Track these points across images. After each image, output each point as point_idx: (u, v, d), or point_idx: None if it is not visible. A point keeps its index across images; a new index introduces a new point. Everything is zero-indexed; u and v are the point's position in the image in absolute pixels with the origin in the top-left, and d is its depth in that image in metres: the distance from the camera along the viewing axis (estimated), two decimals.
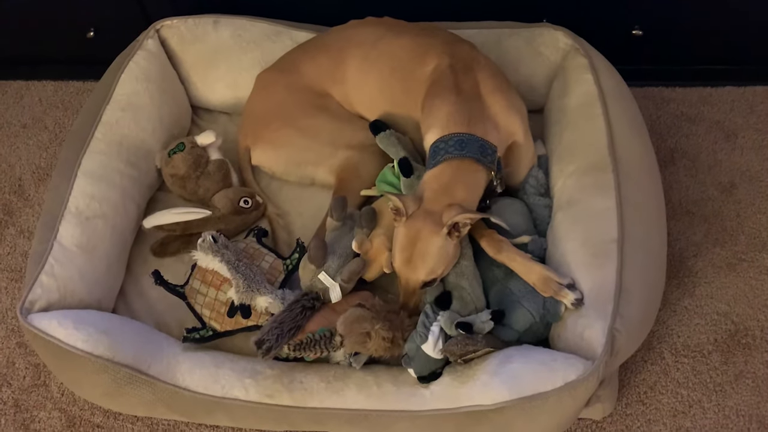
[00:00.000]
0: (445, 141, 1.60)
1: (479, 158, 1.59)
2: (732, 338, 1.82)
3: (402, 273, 1.58)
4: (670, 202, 2.05)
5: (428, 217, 1.54)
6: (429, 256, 1.54)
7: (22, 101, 2.49)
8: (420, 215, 1.55)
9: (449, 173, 1.59)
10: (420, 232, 1.53)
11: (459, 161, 1.58)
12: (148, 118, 1.95)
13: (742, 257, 1.95)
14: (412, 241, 1.54)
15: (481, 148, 1.60)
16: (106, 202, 1.78)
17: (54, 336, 1.51)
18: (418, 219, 1.55)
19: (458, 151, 1.59)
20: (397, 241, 1.57)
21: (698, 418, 1.71)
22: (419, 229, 1.54)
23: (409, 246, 1.54)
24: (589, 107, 1.81)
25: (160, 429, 1.76)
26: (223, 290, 1.66)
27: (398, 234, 1.58)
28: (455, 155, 1.58)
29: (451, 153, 1.59)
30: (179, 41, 2.09)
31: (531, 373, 1.41)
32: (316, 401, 1.53)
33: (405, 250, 1.55)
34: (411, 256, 1.54)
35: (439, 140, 1.61)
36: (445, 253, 1.55)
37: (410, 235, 1.54)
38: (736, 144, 2.20)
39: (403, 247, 1.55)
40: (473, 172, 1.60)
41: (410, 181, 1.72)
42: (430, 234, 1.53)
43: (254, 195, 1.91)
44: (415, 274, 1.55)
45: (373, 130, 1.82)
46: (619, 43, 2.19)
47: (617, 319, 1.46)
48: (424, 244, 1.53)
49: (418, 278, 1.56)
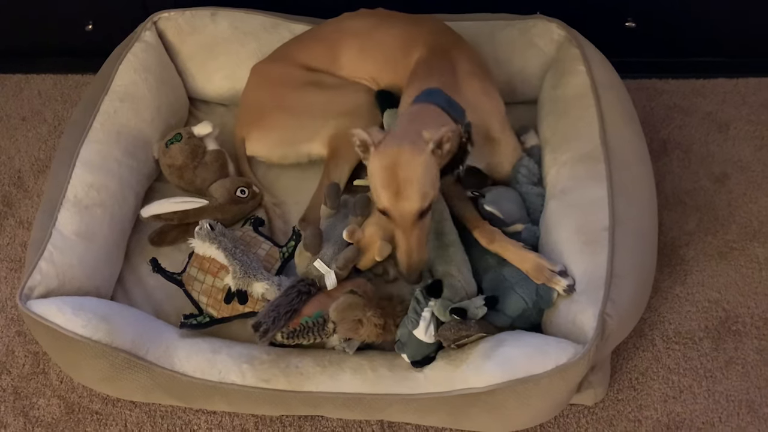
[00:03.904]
0: (416, 97, 1.60)
1: (445, 107, 1.56)
2: (722, 325, 1.85)
3: (393, 210, 1.46)
4: (662, 192, 2.07)
5: (403, 140, 1.45)
6: (417, 178, 1.43)
7: (22, 94, 2.51)
8: (392, 142, 1.46)
9: (414, 113, 1.55)
10: (399, 157, 1.44)
11: (425, 105, 1.56)
12: (146, 108, 1.98)
13: (734, 246, 1.98)
14: (392, 171, 1.44)
15: (448, 101, 1.57)
16: (104, 191, 1.80)
17: (53, 321, 1.53)
18: (392, 146, 1.45)
19: (425, 97, 1.57)
20: (376, 178, 1.46)
21: (689, 404, 1.74)
22: (397, 154, 1.44)
23: (392, 177, 1.44)
24: (582, 98, 1.84)
25: (158, 415, 1.78)
26: (220, 277, 1.68)
27: (373, 169, 1.46)
28: (422, 100, 1.57)
29: (418, 100, 1.57)
30: (177, 33, 2.11)
31: (523, 357, 1.44)
32: (311, 385, 1.55)
33: (389, 183, 1.44)
34: (398, 186, 1.44)
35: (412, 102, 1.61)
36: (433, 173, 1.46)
37: (388, 165, 1.44)
38: (728, 135, 2.22)
39: (386, 180, 1.44)
40: (437, 115, 1.55)
41: None
42: (412, 155, 1.44)
43: (251, 185, 1.93)
44: (409, 204, 1.44)
45: (380, 102, 1.83)
46: (613, 36, 2.21)
47: (608, 304, 1.48)
48: (408, 168, 1.43)
49: (412, 208, 1.45)
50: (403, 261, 1.50)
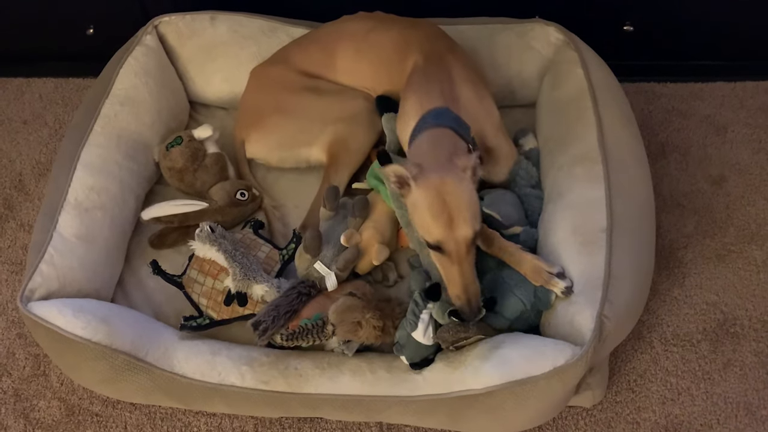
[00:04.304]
0: (423, 118, 1.61)
1: (456, 128, 1.57)
2: (720, 327, 1.85)
3: (448, 239, 1.43)
4: (661, 195, 2.08)
5: (442, 171, 1.45)
6: (467, 205, 1.43)
7: (23, 98, 2.53)
8: (431, 174, 1.45)
9: (432, 140, 1.55)
10: (444, 187, 1.43)
11: (438, 130, 1.56)
12: (147, 112, 1.98)
13: (731, 248, 1.98)
14: (441, 201, 1.42)
15: (456, 120, 1.59)
16: (105, 194, 1.81)
17: (53, 323, 1.54)
18: (433, 177, 1.45)
19: (435, 120, 1.58)
20: (423, 210, 1.44)
21: (687, 406, 1.74)
22: (442, 185, 1.43)
23: (442, 207, 1.42)
24: (580, 101, 1.85)
25: (157, 417, 1.79)
26: (220, 279, 1.69)
27: (418, 202, 1.45)
28: (433, 124, 1.57)
29: (429, 123, 1.58)
30: (177, 37, 2.12)
31: (521, 358, 1.44)
32: (311, 387, 1.56)
33: (440, 213, 1.42)
34: (449, 215, 1.42)
35: (419, 121, 1.62)
36: (476, 200, 1.46)
37: (435, 196, 1.43)
38: (726, 138, 2.23)
39: (436, 211, 1.42)
40: (453, 139, 1.56)
41: None
42: (457, 184, 1.43)
43: (251, 187, 1.94)
44: (464, 231, 1.43)
45: (379, 107, 1.84)
46: (611, 39, 2.23)
47: (606, 305, 1.49)
48: (456, 196, 1.43)
49: (467, 235, 1.43)
50: (461, 295, 1.46)
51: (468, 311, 1.46)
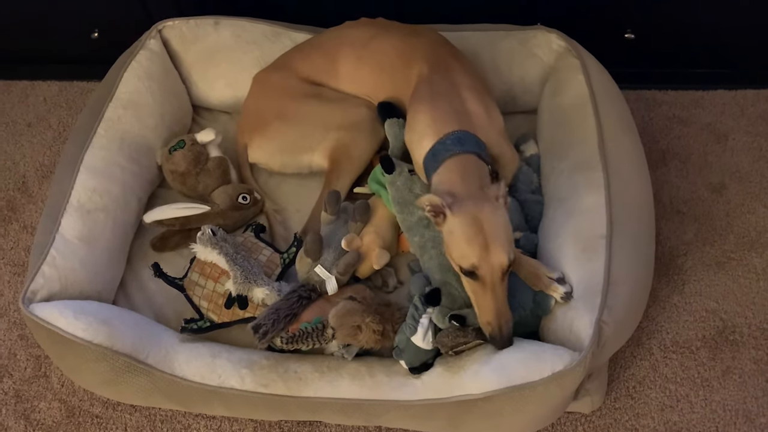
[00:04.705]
0: (442, 142, 1.62)
1: (479, 152, 1.60)
2: (720, 335, 1.85)
3: (483, 265, 1.45)
4: (661, 202, 2.09)
5: (477, 199, 1.48)
6: (503, 232, 1.47)
7: (28, 100, 2.54)
8: (467, 203, 1.48)
9: (459, 168, 1.57)
10: (481, 214, 1.46)
11: (463, 157, 1.59)
12: (150, 115, 2.00)
13: (731, 256, 1.99)
14: (478, 228, 1.45)
15: (477, 144, 1.62)
16: (107, 196, 1.82)
17: (55, 325, 1.55)
18: (469, 206, 1.48)
19: (459, 147, 1.59)
20: (459, 237, 1.47)
21: (686, 413, 1.74)
22: (478, 213, 1.46)
23: (478, 233, 1.45)
24: (581, 107, 1.85)
25: (157, 419, 1.79)
26: (221, 282, 1.70)
27: (455, 230, 1.48)
28: (457, 151, 1.59)
29: (451, 150, 1.59)
30: (181, 41, 2.14)
31: (519, 363, 1.44)
32: (310, 391, 1.56)
33: (475, 239, 1.45)
34: (485, 241, 1.45)
35: (437, 143, 1.63)
36: (510, 228, 1.49)
37: (472, 223, 1.46)
38: (727, 146, 2.24)
39: (472, 237, 1.45)
40: (478, 165, 1.59)
41: (392, 178, 1.75)
42: (493, 212, 1.47)
43: (252, 191, 1.94)
44: (499, 258, 1.45)
45: (381, 113, 1.85)
46: (612, 47, 2.23)
47: (605, 311, 1.49)
48: (492, 224, 1.46)
49: (503, 262, 1.45)
50: (494, 323, 1.47)
51: (499, 339, 1.47)
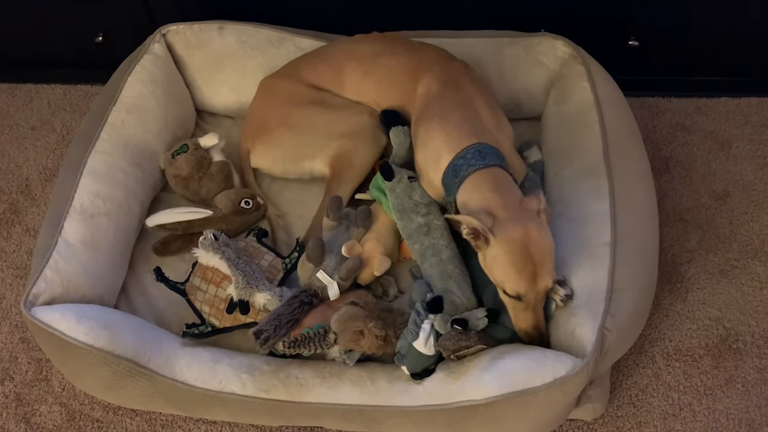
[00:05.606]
0: (462, 156, 1.60)
1: (502, 164, 1.59)
2: (723, 343, 1.85)
3: (530, 292, 1.45)
4: (664, 210, 2.08)
5: (519, 218, 1.45)
6: (550, 255, 1.45)
7: (32, 104, 2.55)
8: (510, 224, 1.44)
9: (489, 183, 1.54)
10: (528, 237, 1.43)
11: (489, 170, 1.56)
12: (153, 120, 2.00)
13: (735, 264, 1.98)
14: (526, 254, 1.43)
15: (497, 155, 1.60)
16: (110, 200, 1.82)
17: (56, 329, 1.55)
18: (513, 227, 1.44)
19: (481, 161, 1.56)
20: (505, 264, 1.44)
21: (688, 421, 1.73)
22: (525, 236, 1.43)
23: (527, 259, 1.43)
24: (586, 114, 1.85)
25: (158, 424, 1.79)
26: (222, 287, 1.70)
27: (500, 255, 1.45)
28: (480, 166, 1.56)
29: (474, 165, 1.57)
30: (185, 46, 2.14)
31: (521, 369, 1.44)
32: (311, 396, 1.56)
33: (524, 269, 1.43)
34: (533, 268, 1.43)
35: (456, 158, 1.61)
36: (553, 244, 1.47)
37: (519, 249, 1.43)
38: (730, 154, 2.23)
39: (520, 264, 1.43)
40: (503, 177, 1.57)
41: (392, 185, 1.74)
42: (539, 232, 1.44)
43: (255, 196, 1.94)
44: (546, 282, 1.45)
45: (385, 121, 1.85)
46: (616, 54, 2.23)
47: (608, 318, 1.49)
48: (540, 247, 1.44)
49: (548, 286, 1.46)
50: (532, 334, 1.52)
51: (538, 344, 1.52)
